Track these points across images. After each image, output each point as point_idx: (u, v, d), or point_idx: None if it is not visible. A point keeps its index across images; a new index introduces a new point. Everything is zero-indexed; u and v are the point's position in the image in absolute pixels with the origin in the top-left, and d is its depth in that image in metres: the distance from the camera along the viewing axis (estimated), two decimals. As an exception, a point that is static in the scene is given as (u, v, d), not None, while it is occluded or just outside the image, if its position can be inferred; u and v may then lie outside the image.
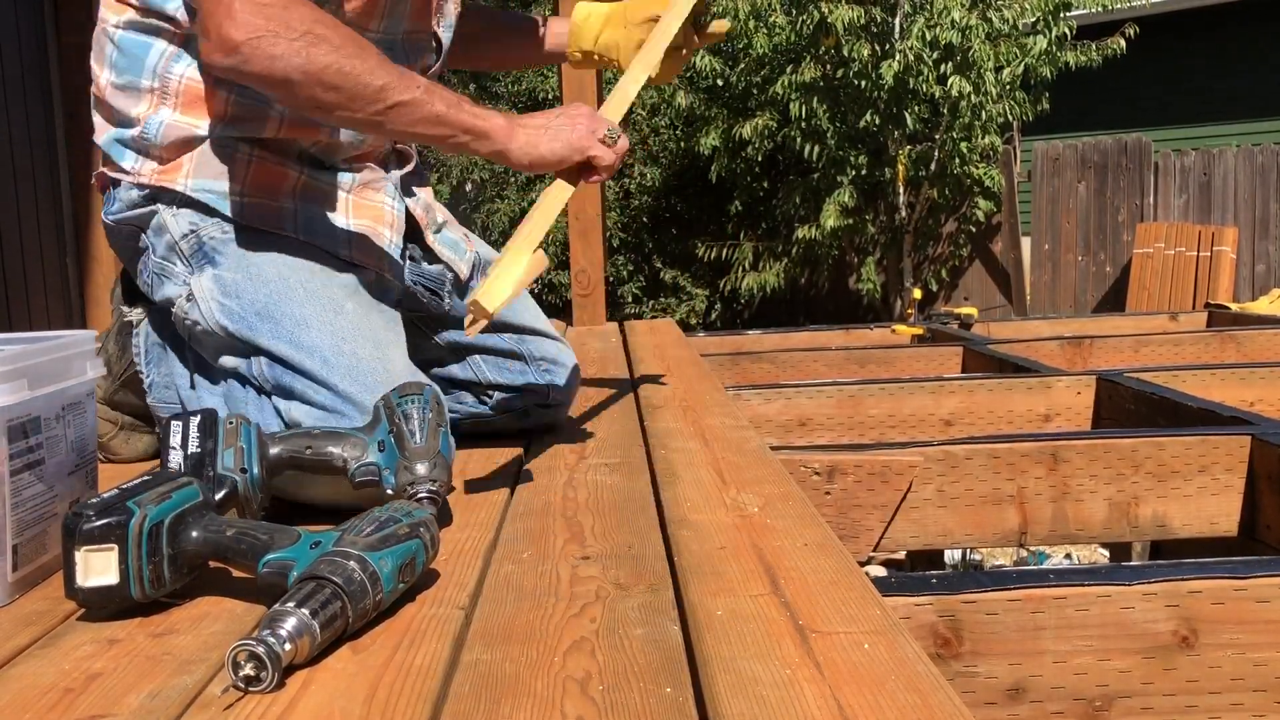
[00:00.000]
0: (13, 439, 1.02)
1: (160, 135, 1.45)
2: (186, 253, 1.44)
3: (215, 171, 1.44)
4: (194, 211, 1.45)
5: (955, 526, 1.89)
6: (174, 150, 1.46)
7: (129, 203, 1.49)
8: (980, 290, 9.12)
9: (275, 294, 1.38)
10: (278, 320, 1.37)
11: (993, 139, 8.37)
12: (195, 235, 1.44)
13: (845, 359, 3.24)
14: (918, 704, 0.75)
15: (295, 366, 1.35)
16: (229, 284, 1.40)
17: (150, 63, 1.46)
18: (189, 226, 1.44)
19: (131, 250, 1.53)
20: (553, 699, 0.79)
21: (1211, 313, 4.44)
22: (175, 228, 1.45)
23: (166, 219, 1.45)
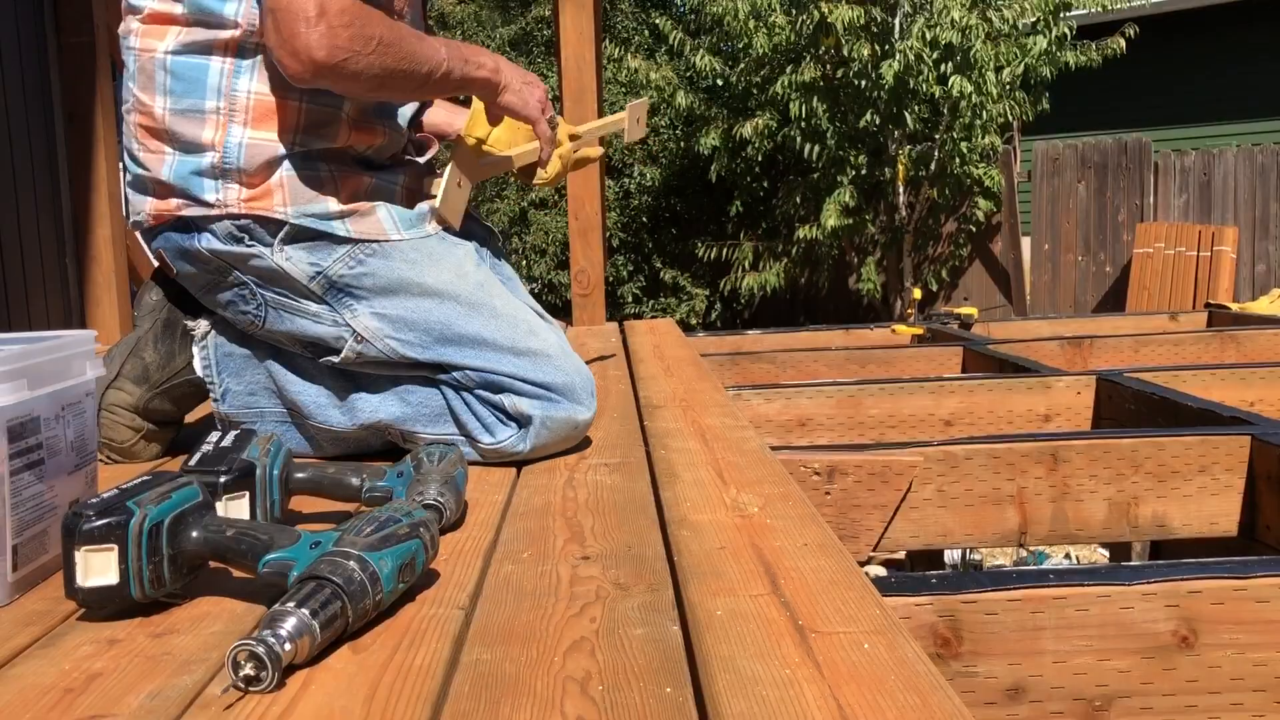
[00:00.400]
0: (13, 439, 1.02)
1: (242, 157, 1.45)
2: (319, 293, 1.51)
3: (309, 196, 1.48)
4: (301, 245, 1.48)
5: (955, 526, 1.89)
6: (259, 173, 1.46)
7: (224, 233, 1.48)
8: (980, 290, 9.12)
9: (443, 319, 1.52)
10: (459, 343, 1.52)
11: (993, 139, 8.37)
12: (323, 276, 1.50)
13: (845, 359, 3.24)
14: (917, 704, 0.75)
15: (495, 372, 1.52)
16: (395, 320, 1.51)
17: (212, 82, 1.46)
18: (311, 269, 1.49)
19: (213, 281, 1.54)
20: (553, 699, 0.79)
21: (1211, 313, 4.44)
22: (297, 271, 1.49)
23: (279, 263, 1.48)
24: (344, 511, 1.30)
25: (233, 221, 1.47)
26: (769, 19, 8.24)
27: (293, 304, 1.52)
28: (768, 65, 8.54)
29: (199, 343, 1.61)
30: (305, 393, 1.56)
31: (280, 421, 1.60)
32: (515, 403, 1.51)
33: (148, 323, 1.63)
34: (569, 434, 1.56)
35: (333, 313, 1.51)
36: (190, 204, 1.48)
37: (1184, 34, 9.70)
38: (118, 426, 1.61)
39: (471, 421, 1.53)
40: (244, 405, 1.60)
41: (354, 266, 1.50)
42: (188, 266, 1.54)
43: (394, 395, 1.55)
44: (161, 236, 1.54)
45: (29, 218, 3.42)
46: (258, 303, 1.53)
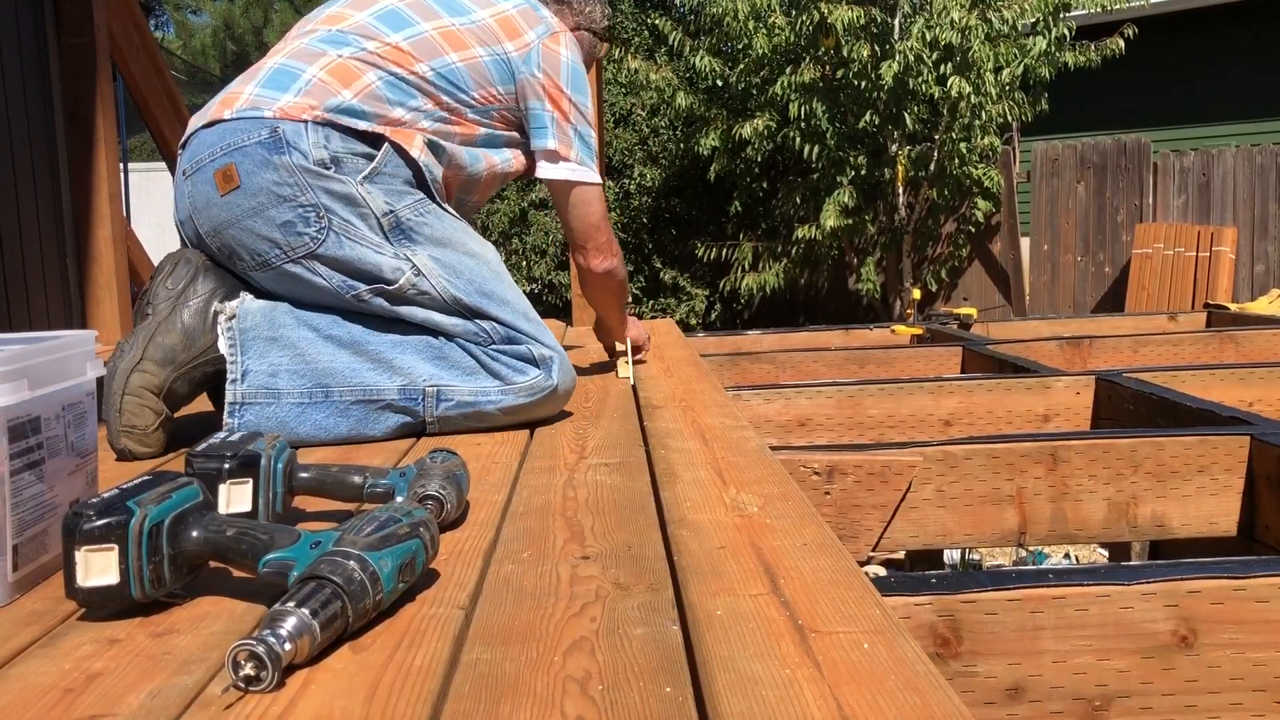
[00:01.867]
0: (13, 439, 1.02)
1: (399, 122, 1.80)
2: (387, 228, 1.74)
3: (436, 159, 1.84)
4: (380, 186, 1.73)
5: (955, 526, 1.89)
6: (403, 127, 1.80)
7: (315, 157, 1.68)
8: (979, 290, 9.12)
9: (483, 276, 1.80)
10: (492, 297, 1.79)
11: (992, 139, 8.37)
12: (394, 214, 1.74)
13: (845, 359, 3.24)
14: (917, 704, 0.75)
15: (516, 328, 1.79)
16: (448, 264, 1.77)
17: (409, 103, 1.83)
18: (386, 205, 1.73)
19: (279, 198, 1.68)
20: (553, 698, 0.79)
21: (1210, 313, 4.44)
22: (374, 203, 1.72)
23: (360, 193, 1.71)
24: (345, 511, 1.30)
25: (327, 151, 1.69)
26: (769, 20, 8.24)
27: (359, 231, 1.71)
28: (767, 66, 8.54)
29: (225, 323, 1.68)
30: (335, 361, 1.70)
31: (298, 403, 1.68)
32: (535, 349, 1.78)
33: (166, 307, 1.69)
34: (571, 387, 1.85)
35: (394, 246, 1.73)
36: (323, 112, 1.71)
37: (1184, 34, 9.71)
38: (144, 411, 1.63)
39: (502, 368, 1.76)
40: (262, 386, 1.67)
41: (420, 214, 1.76)
42: (263, 178, 1.67)
43: (429, 359, 1.74)
44: (241, 151, 1.68)
45: (29, 218, 3.42)
46: (321, 225, 1.68)
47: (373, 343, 1.73)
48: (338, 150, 1.71)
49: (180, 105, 4.37)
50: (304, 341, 1.70)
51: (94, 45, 3.50)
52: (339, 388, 1.69)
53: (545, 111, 1.95)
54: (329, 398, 1.69)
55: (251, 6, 22.23)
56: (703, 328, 9.41)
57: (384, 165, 1.75)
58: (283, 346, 1.69)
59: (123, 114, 7.17)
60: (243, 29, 22.40)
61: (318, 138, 1.70)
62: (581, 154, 1.97)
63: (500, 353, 1.77)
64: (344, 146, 1.72)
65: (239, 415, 1.66)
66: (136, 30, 3.94)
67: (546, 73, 1.94)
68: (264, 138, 1.69)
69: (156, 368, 1.64)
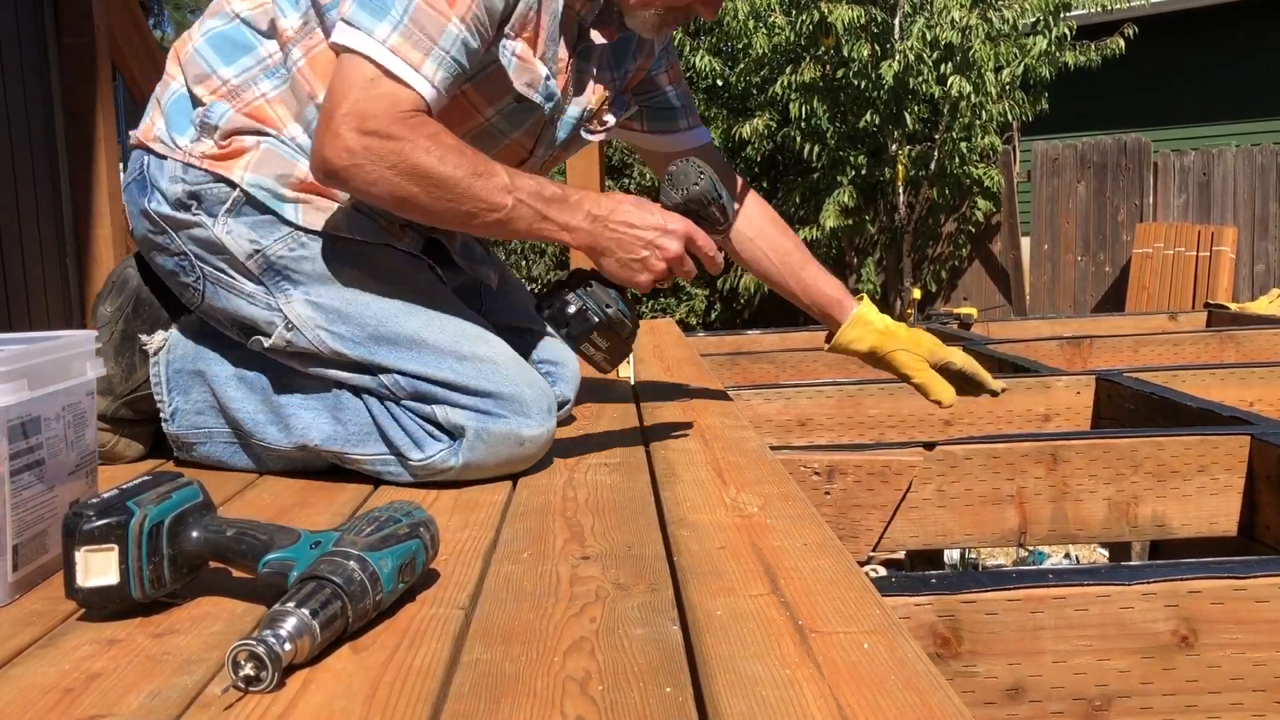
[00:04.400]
0: (13, 439, 1.02)
1: (224, 121, 1.47)
2: (256, 272, 1.46)
3: (272, 171, 1.45)
4: (246, 221, 1.45)
5: (955, 526, 1.89)
6: (234, 138, 1.47)
7: (173, 198, 1.47)
8: (979, 290, 9.12)
9: (380, 315, 1.44)
10: (395, 342, 1.43)
11: (992, 139, 8.37)
12: (261, 255, 1.45)
13: (845, 359, 3.23)
14: (917, 704, 0.75)
15: (429, 379, 1.42)
16: (330, 311, 1.44)
17: (244, 61, 1.49)
18: (250, 246, 1.45)
19: (159, 246, 1.52)
20: (553, 699, 0.79)
21: (1211, 313, 4.44)
22: (235, 247, 1.45)
23: (220, 235, 1.45)
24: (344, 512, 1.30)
25: (184, 185, 1.46)
26: (769, 19, 8.24)
27: (230, 280, 1.47)
28: (767, 66, 8.54)
29: (153, 358, 1.57)
30: (244, 410, 1.50)
31: (228, 442, 1.54)
32: (448, 414, 1.41)
33: (105, 335, 1.59)
34: (512, 451, 1.43)
35: (267, 295, 1.46)
36: (165, 142, 1.49)
37: (1184, 34, 9.71)
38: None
39: (399, 436, 1.43)
40: (192, 425, 1.55)
41: (294, 249, 1.45)
42: (140, 226, 1.53)
43: (327, 414, 1.47)
44: (127, 191, 1.54)
45: (29, 218, 3.42)
46: (197, 275, 1.49)
47: (277, 390, 1.49)
48: (196, 182, 1.45)
49: (180, 105, 4.37)
50: (218, 380, 1.52)
51: (94, 45, 3.50)
52: (249, 440, 1.51)
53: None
54: (246, 447, 1.53)
55: (251, 6, 22.20)
56: (703, 327, 9.40)
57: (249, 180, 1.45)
58: (204, 382, 1.53)
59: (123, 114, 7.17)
60: (243, 29, 22.36)
61: (173, 169, 1.47)
62: (358, 8, 1.32)
63: (406, 411, 1.43)
64: (200, 176, 1.45)
65: (183, 452, 1.56)
66: (136, 30, 3.94)
67: None
68: (136, 176, 1.53)
69: (98, 396, 1.53)
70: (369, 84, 1.30)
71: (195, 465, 1.57)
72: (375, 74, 1.30)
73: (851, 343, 1.80)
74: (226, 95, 1.48)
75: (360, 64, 1.30)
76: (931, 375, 1.78)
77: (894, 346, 1.78)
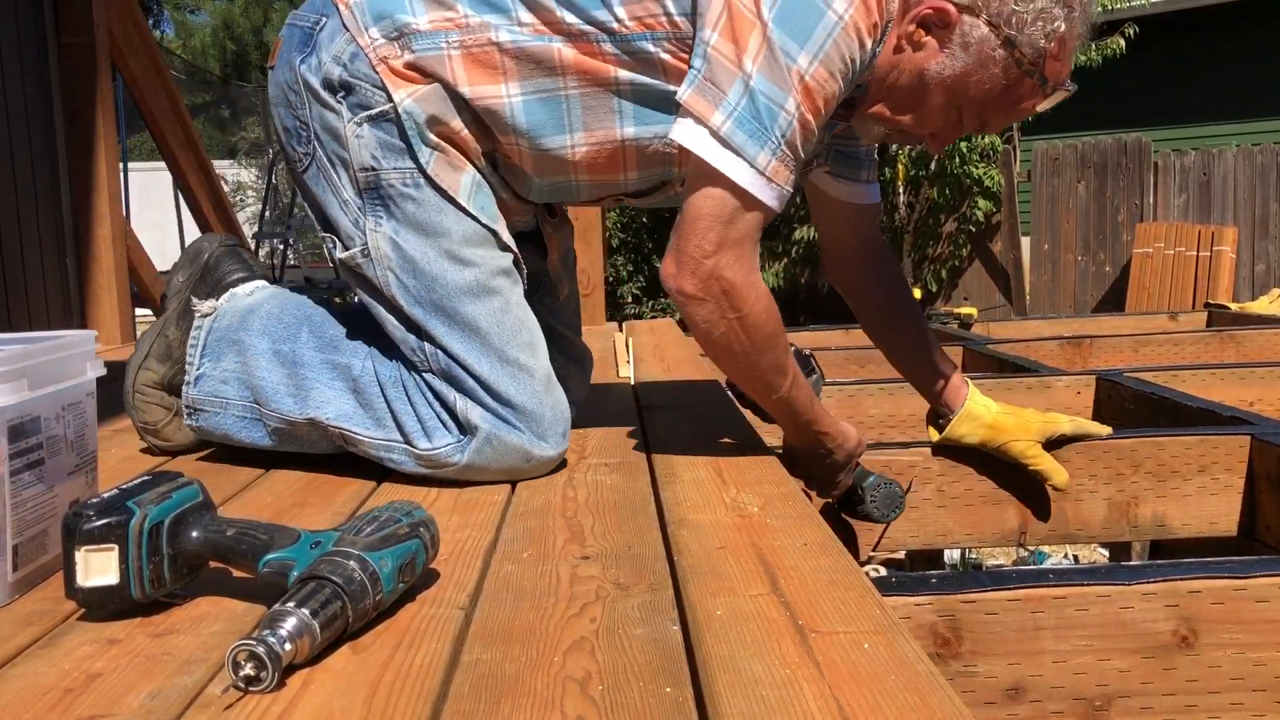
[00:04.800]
0: (13, 439, 1.02)
1: (421, 52, 1.41)
2: (362, 185, 1.45)
3: (432, 110, 1.42)
4: (379, 136, 1.42)
5: (955, 526, 1.89)
6: (416, 68, 1.42)
7: (325, 74, 1.43)
8: (980, 290, 9.12)
9: (449, 286, 1.43)
10: (452, 318, 1.43)
11: (992, 139, 8.37)
12: (375, 174, 1.43)
13: (845, 359, 3.23)
14: (917, 704, 0.75)
15: (466, 367, 1.42)
16: (408, 259, 1.43)
17: (497, 3, 1.41)
18: (370, 160, 1.43)
19: (289, 100, 1.49)
20: (553, 699, 0.79)
21: (1211, 312, 4.44)
22: (355, 153, 1.43)
23: (348, 134, 1.43)
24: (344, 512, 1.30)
25: (344, 71, 1.42)
26: (769, 19, 8.23)
27: (334, 177, 1.47)
28: (767, 65, 8.53)
29: (198, 320, 1.60)
30: (268, 379, 1.51)
31: (241, 416, 1.55)
32: (467, 408, 1.41)
33: (173, 303, 1.65)
34: (516, 464, 1.43)
35: (359, 213, 1.45)
36: (356, 17, 1.43)
37: (1184, 34, 9.71)
38: (150, 407, 1.63)
39: (411, 423, 1.43)
40: (212, 392, 1.55)
41: (407, 186, 1.43)
42: (282, 74, 1.50)
43: (346, 393, 1.47)
44: (290, 28, 1.49)
45: (29, 218, 3.42)
46: (308, 150, 1.48)
47: (306, 365, 1.50)
48: (357, 74, 1.42)
49: (180, 105, 4.37)
50: (253, 350, 1.52)
51: (94, 45, 3.50)
52: (264, 408, 1.51)
53: (704, 42, 1.30)
54: (261, 418, 1.52)
55: (251, 6, 22.24)
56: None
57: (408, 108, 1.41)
58: (240, 351, 1.54)
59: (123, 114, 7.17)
60: (242, 29, 22.40)
61: (343, 48, 1.42)
62: (736, 126, 1.28)
63: (423, 393, 1.43)
64: (364, 72, 1.42)
65: (193, 419, 1.58)
66: (136, 30, 3.94)
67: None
68: (305, 24, 1.48)
69: (157, 364, 1.62)
70: (733, 218, 1.32)
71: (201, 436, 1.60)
72: (739, 206, 1.32)
73: (962, 438, 1.79)
74: (460, 27, 1.41)
75: (723, 196, 1.31)
76: (1047, 460, 1.77)
77: (1004, 439, 1.77)
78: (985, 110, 1.41)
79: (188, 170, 4.55)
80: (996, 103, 1.39)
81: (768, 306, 1.38)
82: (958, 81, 1.37)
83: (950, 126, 1.46)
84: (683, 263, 1.34)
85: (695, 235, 1.33)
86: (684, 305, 1.36)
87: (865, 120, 1.48)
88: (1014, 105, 1.40)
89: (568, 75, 1.42)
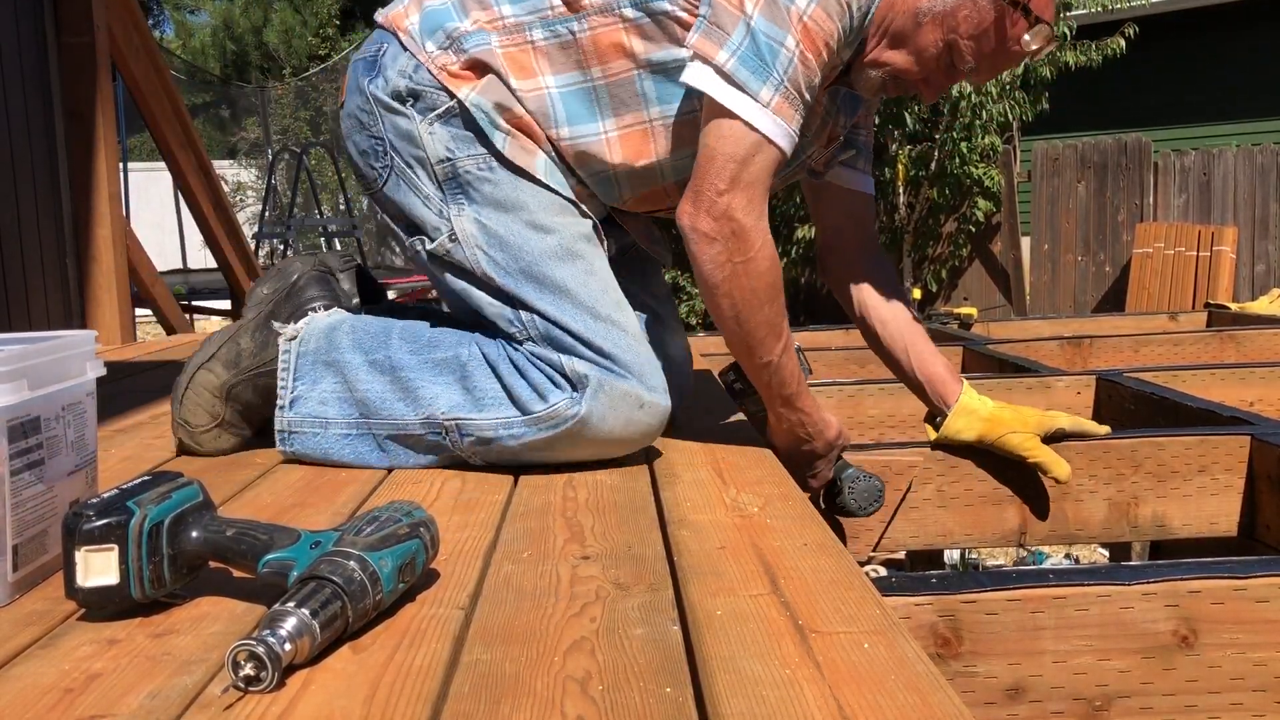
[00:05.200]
0: (13, 439, 1.02)
1: (475, 50, 1.52)
2: (440, 177, 1.53)
3: (496, 98, 1.52)
4: (450, 129, 1.51)
5: (955, 526, 1.89)
6: (473, 67, 1.52)
7: (393, 88, 1.53)
8: (980, 290, 9.12)
9: (535, 254, 1.50)
10: (541, 283, 1.49)
11: (992, 139, 8.37)
12: (451, 164, 1.52)
13: (845, 359, 3.23)
14: (917, 704, 0.75)
15: (563, 326, 1.47)
16: (493, 235, 1.51)
17: (526, 5, 1.53)
18: (445, 152, 1.52)
19: (362, 124, 1.58)
20: (553, 699, 0.79)
21: (1211, 313, 4.44)
22: (431, 147, 1.52)
23: (421, 131, 1.52)
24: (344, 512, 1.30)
25: (409, 81, 1.52)
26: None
27: (413, 177, 1.54)
28: (768, 65, 8.53)
29: (285, 344, 1.60)
30: (373, 388, 1.54)
31: (345, 434, 1.56)
32: (573, 363, 1.46)
33: (253, 312, 1.65)
34: (631, 412, 1.46)
35: (442, 202, 1.53)
36: (411, 36, 1.54)
37: (1184, 34, 9.71)
38: (198, 410, 1.62)
39: (525, 391, 1.46)
40: (310, 414, 1.57)
41: (483, 170, 1.51)
42: (353, 101, 1.59)
43: (455, 384, 1.51)
44: (353, 65, 1.60)
45: (29, 218, 3.42)
46: (386, 163, 1.56)
47: (407, 368, 1.53)
48: (422, 83, 1.52)
49: (180, 105, 4.37)
50: (350, 367, 1.56)
51: (94, 45, 3.51)
52: (373, 419, 1.54)
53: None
54: (370, 429, 1.55)
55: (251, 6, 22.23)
56: (703, 327, 9.40)
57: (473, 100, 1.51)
58: (335, 371, 1.56)
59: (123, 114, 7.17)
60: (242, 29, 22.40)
61: (406, 64, 1.53)
62: (739, 64, 1.37)
63: (531, 361, 1.48)
64: (428, 80, 1.52)
65: (288, 443, 1.58)
66: (136, 30, 3.94)
67: None
68: (369, 55, 1.59)
69: (222, 369, 1.61)
70: (746, 157, 1.39)
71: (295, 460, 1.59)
72: (754, 147, 1.39)
73: (959, 433, 1.79)
74: (499, 30, 1.53)
75: (740, 135, 1.38)
76: (1045, 452, 1.77)
77: (1002, 432, 1.77)
78: (978, 50, 1.49)
79: (188, 170, 4.55)
80: (986, 40, 1.48)
81: (772, 257, 1.44)
82: (949, 15, 1.46)
83: (943, 70, 1.52)
84: (699, 201, 1.41)
85: (711, 173, 1.40)
86: (695, 244, 1.42)
87: (863, 69, 1.54)
88: (1003, 44, 1.49)
89: (593, 65, 1.52)
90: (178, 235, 10.65)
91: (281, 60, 18.27)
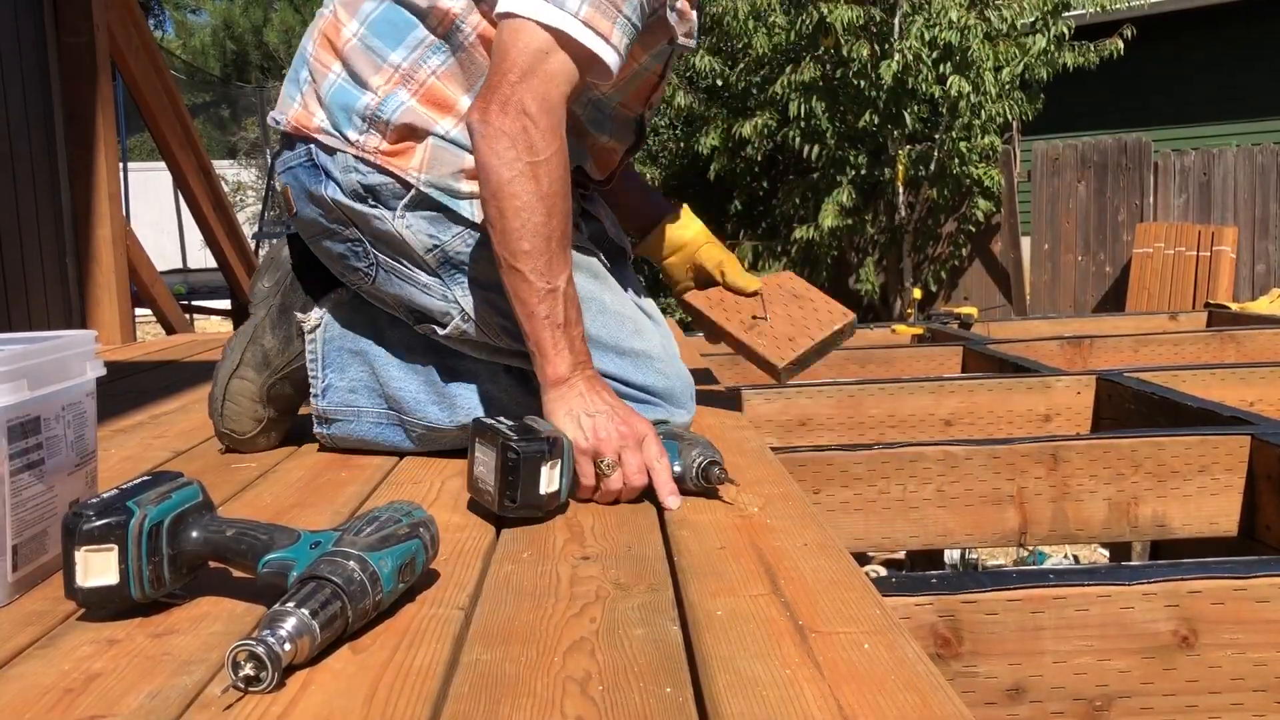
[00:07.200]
0: (13, 439, 1.02)
1: (396, 116, 1.45)
2: (434, 265, 1.49)
3: (444, 170, 1.46)
4: (424, 216, 1.46)
5: (955, 526, 1.89)
6: (404, 134, 1.46)
7: (349, 188, 1.47)
8: (980, 290, 9.12)
9: None
10: None
11: (992, 139, 8.37)
12: (440, 250, 1.48)
13: (845, 359, 3.23)
14: (917, 704, 0.75)
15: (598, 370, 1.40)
16: (502, 309, 1.43)
17: (408, 41, 1.46)
18: (429, 240, 1.47)
19: (330, 232, 1.53)
20: (553, 699, 0.79)
21: (1211, 312, 4.44)
22: (414, 241, 1.47)
23: (399, 230, 1.47)
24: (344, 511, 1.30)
25: (360, 176, 1.46)
26: (768, 19, 8.24)
27: (405, 270, 1.50)
28: (767, 65, 8.55)
29: (309, 334, 1.59)
30: (405, 389, 1.54)
31: (377, 422, 1.57)
32: None
33: (262, 310, 1.63)
34: None
35: (443, 287, 1.49)
36: (331, 134, 1.48)
37: (1184, 34, 9.71)
38: (242, 418, 1.61)
39: None
40: (343, 403, 1.58)
41: (469, 243, 1.47)
42: (309, 210, 1.53)
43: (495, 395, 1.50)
44: (290, 173, 1.54)
45: (29, 218, 3.42)
46: (369, 262, 1.52)
47: (440, 372, 1.53)
48: (369, 176, 1.46)
49: (180, 105, 4.37)
50: (379, 360, 1.56)
51: (94, 45, 3.51)
52: (407, 417, 1.55)
53: None
54: (401, 424, 1.56)
55: (251, 6, 22.23)
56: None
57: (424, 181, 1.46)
58: (363, 361, 1.57)
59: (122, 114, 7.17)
60: (242, 28, 22.40)
61: (345, 160, 1.47)
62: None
63: None
64: (373, 173, 1.46)
65: (326, 428, 1.59)
66: (136, 30, 3.94)
67: None
68: (304, 161, 1.52)
69: (254, 373, 1.60)
70: (543, 55, 1.30)
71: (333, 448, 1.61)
72: (549, 44, 1.30)
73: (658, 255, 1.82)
74: (401, 80, 1.46)
75: (533, 31, 1.30)
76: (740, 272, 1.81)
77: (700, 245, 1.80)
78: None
79: (188, 170, 4.55)
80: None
81: (564, 166, 1.32)
82: None
83: None
84: (488, 93, 1.30)
85: (503, 67, 1.30)
86: (482, 140, 1.29)
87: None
88: None
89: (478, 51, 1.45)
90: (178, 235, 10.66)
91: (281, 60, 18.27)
